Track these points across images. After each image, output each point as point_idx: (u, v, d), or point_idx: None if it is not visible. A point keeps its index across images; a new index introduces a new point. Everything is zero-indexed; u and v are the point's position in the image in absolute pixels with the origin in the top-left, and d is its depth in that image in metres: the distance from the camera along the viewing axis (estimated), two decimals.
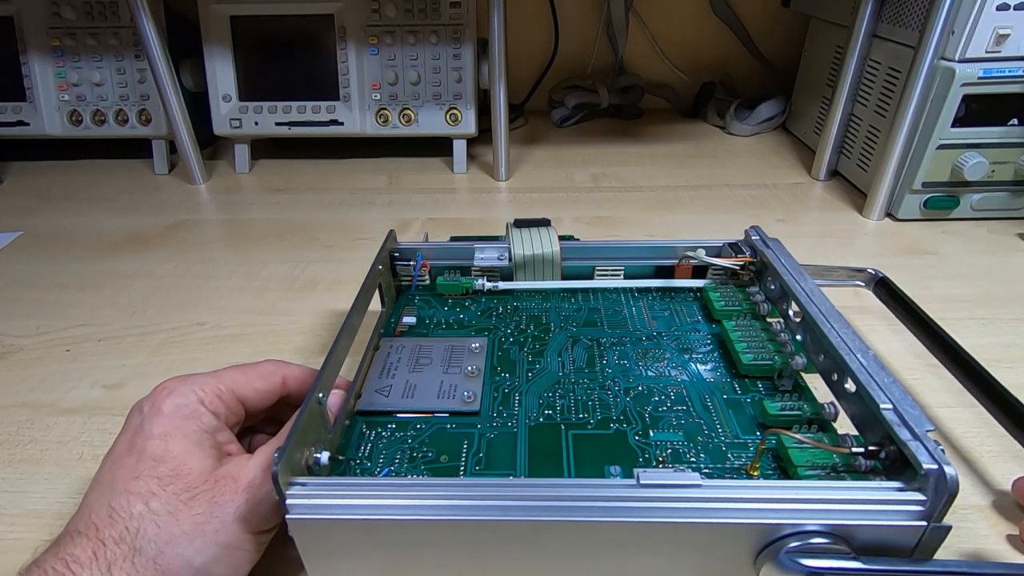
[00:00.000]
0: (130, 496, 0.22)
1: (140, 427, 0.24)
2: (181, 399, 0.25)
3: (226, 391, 0.27)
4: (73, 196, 0.68)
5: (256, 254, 0.55)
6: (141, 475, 0.23)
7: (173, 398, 0.25)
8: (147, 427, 0.24)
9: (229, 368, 0.28)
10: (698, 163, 0.74)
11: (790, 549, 0.21)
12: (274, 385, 0.28)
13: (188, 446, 0.24)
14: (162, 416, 0.25)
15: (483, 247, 0.40)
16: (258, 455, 0.25)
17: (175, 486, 0.23)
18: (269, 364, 0.29)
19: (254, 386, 0.27)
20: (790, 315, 0.34)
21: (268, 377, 0.28)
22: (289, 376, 0.29)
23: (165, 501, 0.22)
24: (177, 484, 0.23)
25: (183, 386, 0.26)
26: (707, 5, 0.86)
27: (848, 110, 0.65)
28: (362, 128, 0.71)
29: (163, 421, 0.24)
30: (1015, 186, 0.54)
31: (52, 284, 0.50)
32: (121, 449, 0.24)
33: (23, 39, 0.69)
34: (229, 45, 0.69)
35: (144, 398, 0.26)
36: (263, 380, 0.28)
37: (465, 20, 0.67)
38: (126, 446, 0.24)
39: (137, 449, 0.24)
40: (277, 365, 0.29)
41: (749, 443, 0.28)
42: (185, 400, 0.25)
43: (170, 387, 0.26)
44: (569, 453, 0.28)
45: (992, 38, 0.49)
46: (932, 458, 0.21)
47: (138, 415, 0.25)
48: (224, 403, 0.26)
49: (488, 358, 0.34)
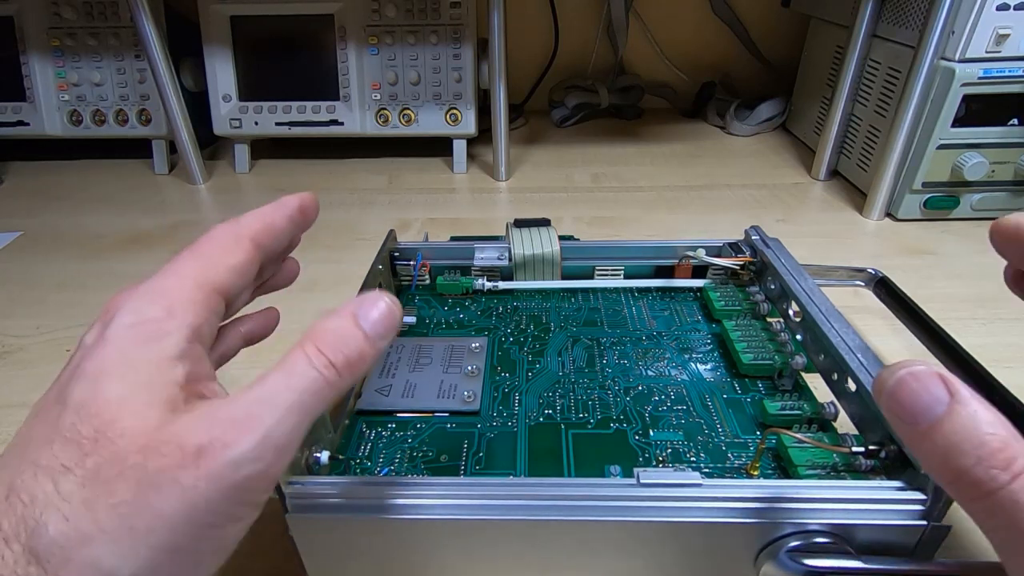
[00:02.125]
0: (37, 470, 0.15)
1: (78, 364, 0.17)
2: (135, 316, 0.17)
3: (199, 287, 0.19)
4: (73, 196, 0.68)
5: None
6: (56, 438, 0.16)
7: (124, 315, 0.17)
8: (83, 364, 0.17)
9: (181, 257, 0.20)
10: (698, 163, 0.74)
11: (790, 548, 0.21)
12: (247, 255, 0.21)
13: (130, 388, 0.16)
14: (104, 344, 0.17)
15: (483, 247, 0.40)
16: (231, 401, 0.17)
17: (97, 456, 0.15)
18: (223, 232, 0.21)
19: (226, 264, 0.20)
20: (790, 315, 0.34)
21: (233, 248, 0.20)
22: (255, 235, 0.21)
23: (80, 480, 0.15)
24: (101, 452, 0.15)
25: (136, 298, 0.18)
26: (707, 5, 0.87)
27: (848, 110, 0.65)
28: (362, 128, 0.71)
29: (103, 351, 0.17)
30: (1015, 186, 0.54)
31: (52, 284, 0.50)
32: (48, 396, 0.18)
33: (23, 39, 0.69)
34: (229, 45, 0.69)
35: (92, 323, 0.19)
36: (230, 254, 0.20)
37: (465, 20, 0.67)
38: (54, 391, 0.17)
39: (63, 397, 0.17)
40: (232, 228, 0.21)
41: (749, 443, 0.28)
42: (141, 317, 0.18)
43: (116, 303, 0.18)
44: (569, 453, 0.28)
45: (992, 38, 0.49)
46: None
47: (78, 350, 0.18)
48: (203, 305, 0.19)
49: (488, 358, 0.34)
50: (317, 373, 0.17)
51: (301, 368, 0.17)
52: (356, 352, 0.18)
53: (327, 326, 0.18)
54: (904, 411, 0.16)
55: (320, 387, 0.17)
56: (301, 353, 0.18)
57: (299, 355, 0.18)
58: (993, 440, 0.15)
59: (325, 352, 0.18)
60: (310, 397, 0.17)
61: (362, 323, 0.19)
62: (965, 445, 0.15)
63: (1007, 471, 0.14)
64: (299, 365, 0.17)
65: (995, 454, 0.15)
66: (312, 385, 0.17)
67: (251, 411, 0.16)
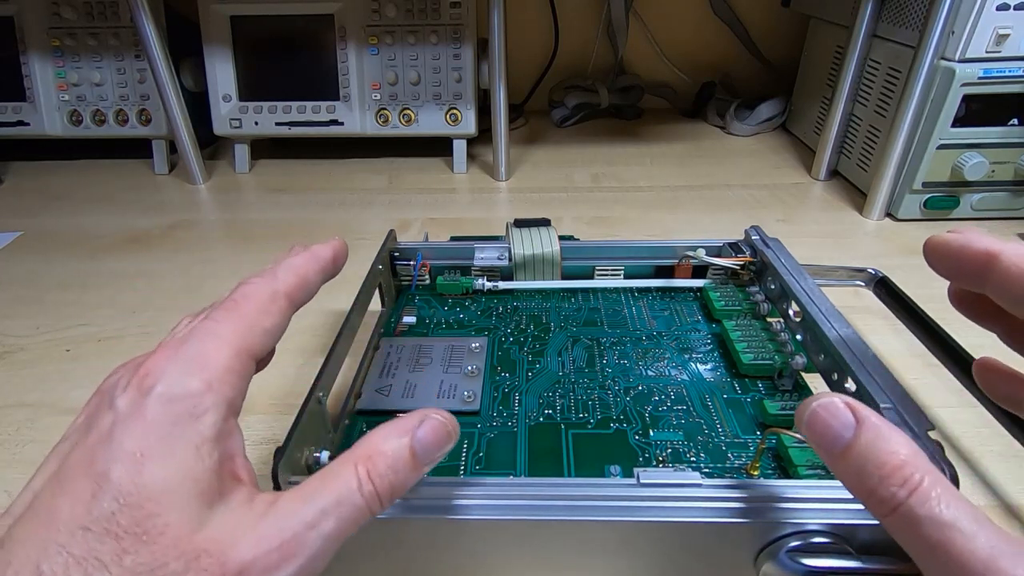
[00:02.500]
0: (69, 560, 0.14)
1: (110, 433, 0.16)
2: (177, 389, 0.17)
3: (238, 355, 0.18)
4: (73, 196, 0.68)
5: (256, 254, 0.55)
6: (92, 526, 0.15)
7: (165, 387, 0.17)
8: (118, 436, 0.16)
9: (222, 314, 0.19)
10: (698, 163, 0.74)
11: (790, 548, 0.21)
12: (283, 316, 0.20)
13: (171, 475, 0.16)
14: (144, 420, 0.16)
15: (483, 247, 0.40)
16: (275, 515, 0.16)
17: (136, 556, 0.15)
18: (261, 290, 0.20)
19: (263, 327, 0.19)
20: (790, 315, 0.34)
21: (271, 308, 0.20)
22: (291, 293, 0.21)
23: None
24: (140, 552, 0.15)
25: (177, 367, 0.17)
26: (707, 5, 0.87)
27: (848, 110, 0.65)
28: (362, 128, 0.71)
29: (144, 428, 0.16)
30: (1015, 186, 0.54)
31: (52, 284, 0.50)
32: (76, 461, 0.16)
33: (23, 39, 0.69)
34: (229, 45, 0.69)
35: (123, 372, 0.18)
36: (269, 315, 0.20)
37: (465, 20, 0.67)
38: (83, 458, 0.16)
39: (97, 472, 0.15)
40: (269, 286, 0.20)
41: (749, 442, 0.28)
42: (183, 390, 0.17)
43: (158, 368, 0.17)
44: (569, 453, 0.28)
45: (992, 38, 0.49)
46: (932, 458, 0.21)
47: (108, 410, 0.17)
48: (240, 375, 0.18)
49: (488, 358, 0.34)
50: (363, 502, 0.17)
51: (349, 494, 0.17)
52: (403, 483, 0.18)
53: (384, 448, 0.18)
54: (819, 439, 0.18)
55: (362, 516, 0.17)
56: (353, 474, 0.18)
57: (351, 476, 0.17)
58: (893, 459, 0.16)
59: (375, 481, 0.18)
60: (351, 525, 0.17)
61: (419, 452, 0.19)
62: (870, 466, 0.16)
63: (904, 487, 0.16)
64: (348, 490, 0.17)
65: (894, 473, 0.16)
66: (356, 514, 0.17)
67: (296, 534, 0.16)
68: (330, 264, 0.23)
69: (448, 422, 0.20)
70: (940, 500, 0.15)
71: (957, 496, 0.15)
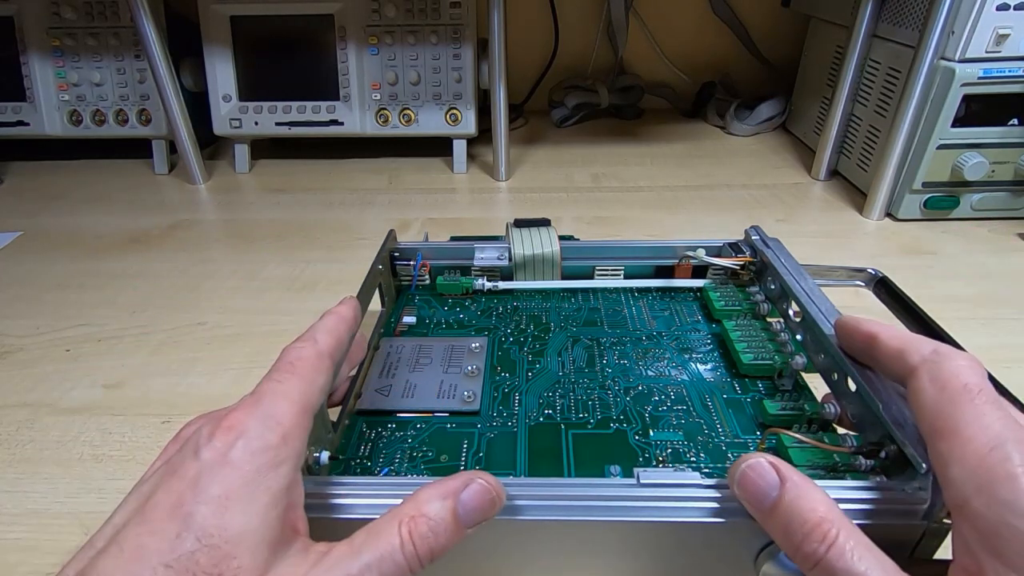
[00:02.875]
0: None
1: (196, 479, 0.17)
2: (259, 442, 0.18)
3: (303, 412, 0.20)
4: (73, 196, 0.68)
5: (256, 254, 0.55)
6: (174, 563, 0.16)
7: (248, 440, 0.18)
8: (204, 481, 0.17)
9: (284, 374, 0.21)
10: (698, 163, 0.74)
11: None
12: (330, 372, 0.22)
13: (251, 522, 0.17)
14: (230, 467, 0.18)
15: (483, 247, 0.40)
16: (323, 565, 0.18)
17: None
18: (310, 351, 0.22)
19: (318, 386, 0.21)
20: (790, 315, 0.34)
21: (320, 367, 0.22)
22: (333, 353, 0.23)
23: None
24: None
25: (258, 421, 0.19)
26: (707, 5, 0.87)
27: (848, 110, 0.65)
28: (362, 128, 0.71)
29: (229, 476, 0.17)
30: (1015, 186, 0.54)
31: (52, 284, 0.50)
32: (161, 501, 0.17)
33: (23, 39, 0.69)
34: (229, 45, 0.69)
35: (203, 423, 0.19)
36: (320, 374, 0.22)
37: (465, 20, 0.67)
38: (170, 500, 0.17)
39: (184, 513, 0.17)
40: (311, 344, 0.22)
41: (749, 443, 0.28)
42: (264, 443, 0.18)
43: (240, 423, 0.18)
44: (569, 453, 0.28)
45: (992, 38, 0.49)
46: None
47: (193, 458, 0.18)
48: (305, 430, 0.20)
49: (488, 358, 0.34)
50: (404, 562, 0.18)
51: (391, 552, 0.18)
52: (443, 546, 0.19)
53: (427, 510, 0.19)
54: (749, 498, 0.20)
55: (402, 573, 0.18)
56: (396, 534, 0.18)
57: (394, 535, 0.18)
58: (812, 516, 0.18)
59: (416, 543, 0.18)
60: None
61: (461, 516, 0.19)
62: (794, 524, 0.18)
63: (823, 543, 0.17)
64: (391, 548, 0.18)
65: (814, 529, 0.18)
66: (396, 571, 0.18)
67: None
68: (353, 322, 0.26)
69: (493, 487, 0.20)
70: (853, 553, 0.17)
71: (870, 547, 0.17)
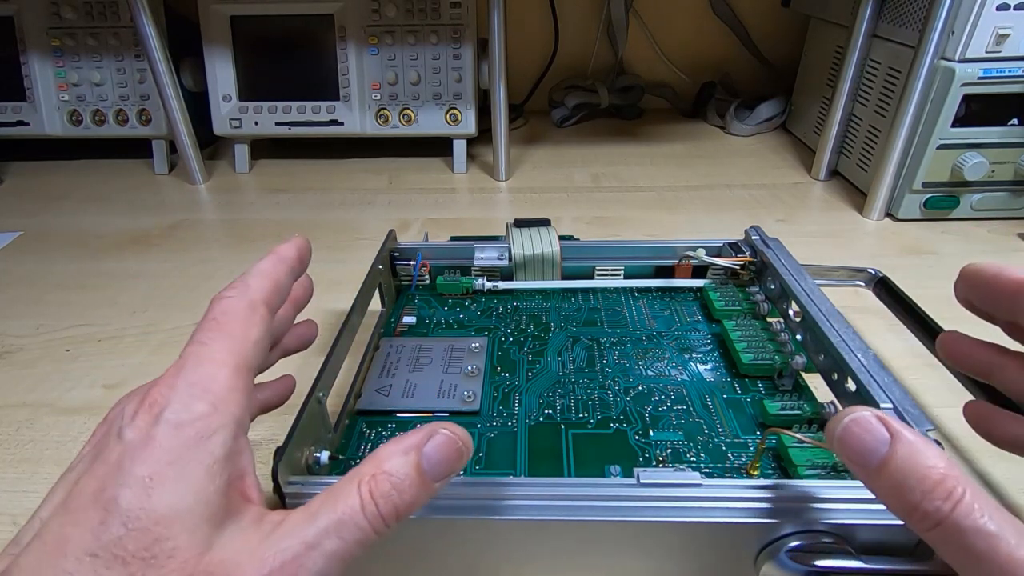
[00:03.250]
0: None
1: (119, 461, 0.16)
2: (185, 414, 0.17)
3: (236, 373, 0.18)
4: (73, 196, 0.68)
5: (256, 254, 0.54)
6: (100, 552, 0.15)
7: (173, 413, 0.17)
8: (127, 463, 0.16)
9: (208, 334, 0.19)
10: (698, 163, 0.74)
11: (790, 548, 0.21)
12: (266, 325, 0.20)
13: (180, 499, 0.16)
14: (153, 446, 0.16)
15: (483, 247, 0.40)
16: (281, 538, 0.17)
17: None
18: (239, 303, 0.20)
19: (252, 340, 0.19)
20: (790, 315, 0.34)
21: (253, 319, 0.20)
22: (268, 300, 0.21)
23: None
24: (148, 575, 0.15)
25: (182, 393, 0.17)
26: (707, 5, 0.86)
27: (848, 110, 0.65)
28: (362, 128, 0.71)
29: (153, 454, 0.16)
30: (1015, 186, 0.54)
31: (52, 284, 0.50)
32: (84, 489, 0.16)
33: (23, 39, 0.69)
34: (229, 45, 0.69)
35: (127, 401, 0.19)
36: (253, 326, 0.20)
37: (465, 20, 0.67)
38: (92, 486, 0.16)
39: (106, 499, 0.16)
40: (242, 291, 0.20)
41: (749, 443, 0.28)
42: (191, 414, 0.17)
43: (162, 397, 0.17)
44: (569, 453, 0.28)
45: (992, 38, 0.49)
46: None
47: (117, 440, 0.17)
48: (242, 392, 0.18)
49: (488, 358, 0.34)
50: (367, 524, 0.17)
51: (352, 514, 0.17)
52: (409, 504, 0.18)
53: (388, 467, 0.18)
54: (853, 455, 0.18)
55: (366, 537, 0.17)
56: (356, 494, 0.17)
57: (354, 496, 0.17)
58: (933, 473, 0.16)
59: (379, 502, 0.17)
60: (355, 547, 0.17)
61: (427, 470, 0.18)
62: (910, 481, 0.16)
63: (948, 501, 0.16)
64: (351, 510, 0.17)
65: (936, 487, 0.16)
66: (360, 535, 0.17)
67: (297, 555, 0.16)
68: (296, 263, 0.23)
69: (459, 437, 0.19)
70: (983, 512, 0.16)
71: (998, 507, 0.16)
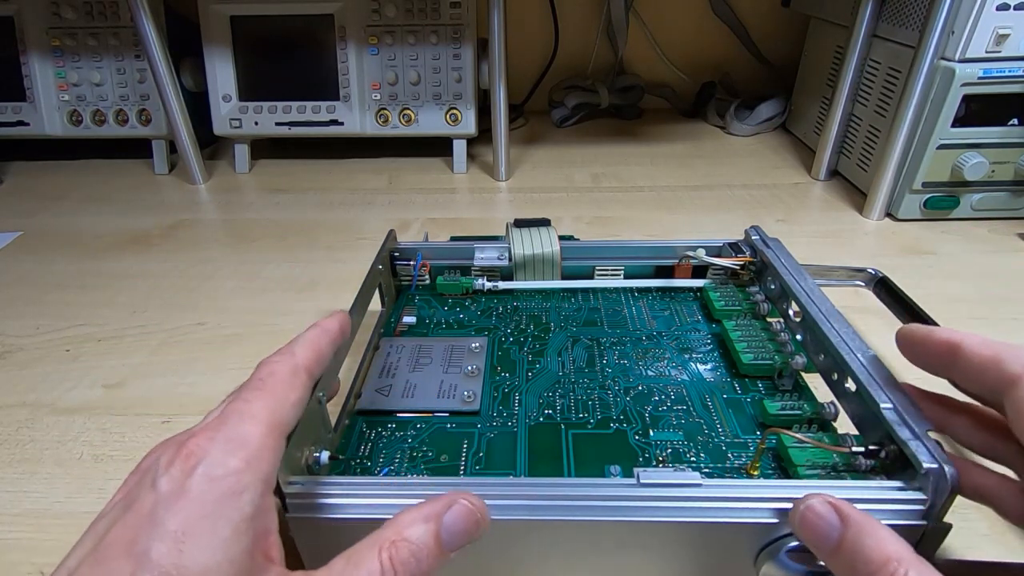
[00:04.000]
0: None
1: (152, 512, 0.16)
2: (219, 469, 0.17)
3: (271, 432, 0.19)
4: (73, 196, 0.68)
5: (256, 254, 0.55)
6: None
7: (207, 467, 0.17)
8: (160, 515, 0.16)
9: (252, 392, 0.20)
10: (698, 163, 0.74)
11: (790, 548, 0.21)
12: (306, 391, 0.22)
13: (214, 557, 0.16)
14: (187, 498, 0.17)
15: (483, 247, 0.40)
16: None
17: None
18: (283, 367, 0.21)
19: (290, 403, 0.21)
20: (790, 315, 0.34)
21: (294, 383, 0.21)
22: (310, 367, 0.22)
23: None
24: None
25: (218, 447, 0.18)
26: (707, 5, 0.86)
27: (848, 110, 0.65)
28: (362, 128, 0.71)
29: (186, 507, 0.16)
30: (1015, 186, 0.54)
31: (52, 284, 0.50)
32: (116, 539, 0.16)
33: (23, 39, 0.69)
34: (229, 45, 0.69)
35: (162, 451, 0.18)
36: (293, 391, 0.21)
37: (465, 20, 0.67)
38: (124, 536, 0.16)
39: (137, 551, 0.16)
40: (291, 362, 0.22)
41: (749, 443, 0.28)
42: (225, 469, 0.17)
43: (200, 449, 0.17)
44: (569, 452, 0.28)
45: (992, 38, 0.49)
46: (932, 457, 0.21)
47: (150, 489, 0.17)
48: (273, 451, 0.19)
49: (488, 358, 0.34)
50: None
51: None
52: (427, 571, 0.19)
53: (409, 535, 0.19)
54: (810, 539, 0.20)
55: None
56: (376, 560, 0.18)
57: (374, 562, 0.18)
58: (878, 555, 0.18)
59: (398, 569, 0.18)
60: None
61: (444, 540, 0.19)
62: (859, 564, 0.18)
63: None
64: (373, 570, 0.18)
65: (881, 569, 0.18)
66: None
67: None
68: (338, 335, 0.25)
69: (477, 509, 0.20)
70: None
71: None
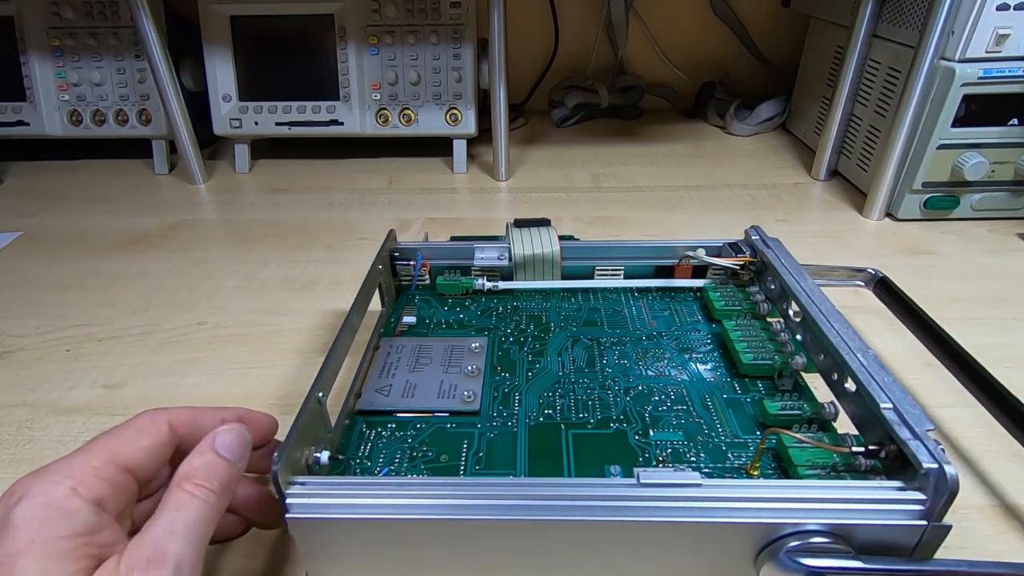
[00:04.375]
0: None
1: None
2: (40, 498, 0.19)
3: (105, 465, 0.21)
4: (73, 196, 0.68)
5: (256, 254, 0.55)
6: None
7: (29, 500, 0.19)
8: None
9: (98, 437, 0.22)
10: (698, 163, 0.74)
11: (790, 548, 0.21)
12: (161, 437, 0.23)
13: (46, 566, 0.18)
14: (14, 529, 0.18)
15: (483, 247, 0.40)
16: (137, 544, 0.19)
17: None
18: (144, 416, 0.23)
19: (138, 446, 0.22)
20: (790, 315, 0.34)
21: (149, 430, 0.23)
22: (175, 420, 0.24)
23: None
24: None
25: (42, 480, 0.20)
26: (707, 5, 0.86)
27: (848, 110, 0.65)
28: (362, 128, 0.71)
29: (15, 535, 0.18)
30: (1015, 186, 0.54)
31: (52, 284, 0.50)
32: None
33: (23, 39, 0.69)
34: (229, 45, 0.69)
35: None
36: (145, 435, 0.23)
37: (465, 20, 0.67)
38: None
39: None
40: (155, 413, 0.24)
41: (749, 443, 0.28)
42: (47, 498, 0.19)
43: (23, 486, 0.19)
44: (569, 453, 0.28)
45: (992, 38, 0.49)
46: (932, 457, 0.21)
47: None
48: (108, 481, 0.20)
49: (488, 358, 0.34)
50: (201, 501, 0.20)
51: (186, 500, 0.20)
52: (225, 476, 0.22)
53: (195, 464, 0.21)
54: None
55: (207, 510, 0.20)
56: (180, 491, 0.21)
57: (180, 493, 0.20)
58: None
59: (201, 483, 0.21)
60: (202, 520, 0.20)
61: (222, 452, 0.22)
62: None
63: None
64: (183, 499, 0.20)
65: None
66: (201, 509, 0.20)
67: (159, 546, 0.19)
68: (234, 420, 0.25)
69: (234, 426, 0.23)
70: None
71: None
